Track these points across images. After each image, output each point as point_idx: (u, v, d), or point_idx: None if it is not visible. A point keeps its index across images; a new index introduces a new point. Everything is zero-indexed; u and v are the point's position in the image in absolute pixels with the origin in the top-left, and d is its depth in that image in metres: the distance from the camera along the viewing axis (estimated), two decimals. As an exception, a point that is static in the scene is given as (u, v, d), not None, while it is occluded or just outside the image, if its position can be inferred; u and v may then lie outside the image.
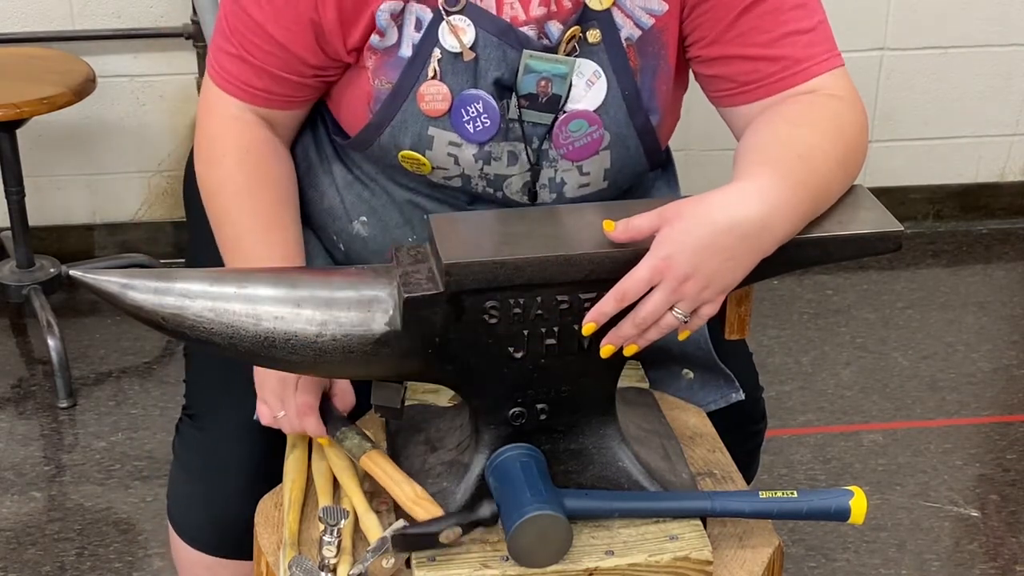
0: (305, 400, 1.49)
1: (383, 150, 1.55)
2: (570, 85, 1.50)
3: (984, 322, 3.32)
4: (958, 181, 3.76)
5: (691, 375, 1.68)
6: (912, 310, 3.38)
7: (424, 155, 1.52)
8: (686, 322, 1.34)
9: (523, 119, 1.51)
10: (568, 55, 1.49)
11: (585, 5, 1.48)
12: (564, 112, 1.51)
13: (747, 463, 1.78)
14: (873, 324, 3.31)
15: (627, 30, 1.51)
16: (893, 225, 1.42)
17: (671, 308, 1.33)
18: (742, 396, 1.68)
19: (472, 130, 1.51)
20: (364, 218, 1.63)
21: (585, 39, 1.50)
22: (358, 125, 1.55)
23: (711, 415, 1.66)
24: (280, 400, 1.50)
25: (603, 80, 1.51)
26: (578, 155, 1.54)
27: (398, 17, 1.48)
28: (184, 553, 1.68)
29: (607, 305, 1.33)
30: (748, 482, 1.80)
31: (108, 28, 3.26)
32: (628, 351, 1.36)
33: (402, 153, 1.53)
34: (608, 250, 1.33)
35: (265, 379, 1.52)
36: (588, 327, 1.34)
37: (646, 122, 1.55)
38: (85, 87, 2.93)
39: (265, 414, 1.53)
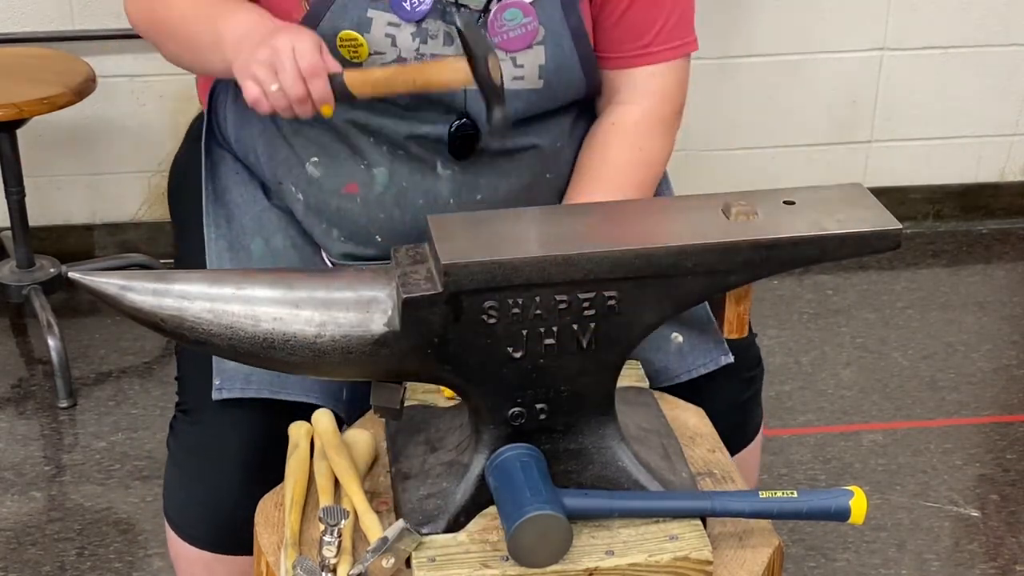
0: (312, 61, 1.46)
1: (321, 38, 1.56)
2: None
3: (984, 322, 3.32)
4: (958, 181, 3.76)
5: (680, 339, 1.69)
6: (912, 310, 3.38)
7: (362, 36, 1.57)
8: None
9: (459, 1, 1.58)
10: None
11: None
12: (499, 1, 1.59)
13: (749, 412, 1.78)
14: (873, 324, 3.31)
15: None
16: (891, 223, 1.42)
17: None
18: (731, 359, 1.70)
19: (409, 7, 1.57)
20: (315, 158, 1.67)
21: None
22: (293, 18, 1.59)
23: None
24: (272, 69, 1.47)
25: None
26: (512, 45, 1.61)
27: None
28: (181, 550, 1.68)
29: None
30: (753, 436, 1.80)
31: (108, 28, 3.26)
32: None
33: (341, 35, 1.57)
34: (607, 250, 1.34)
35: (243, 41, 1.50)
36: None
37: (580, 25, 1.63)
38: (85, 87, 2.93)
39: (253, 92, 1.49)
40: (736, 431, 1.76)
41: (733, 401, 1.73)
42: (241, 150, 1.75)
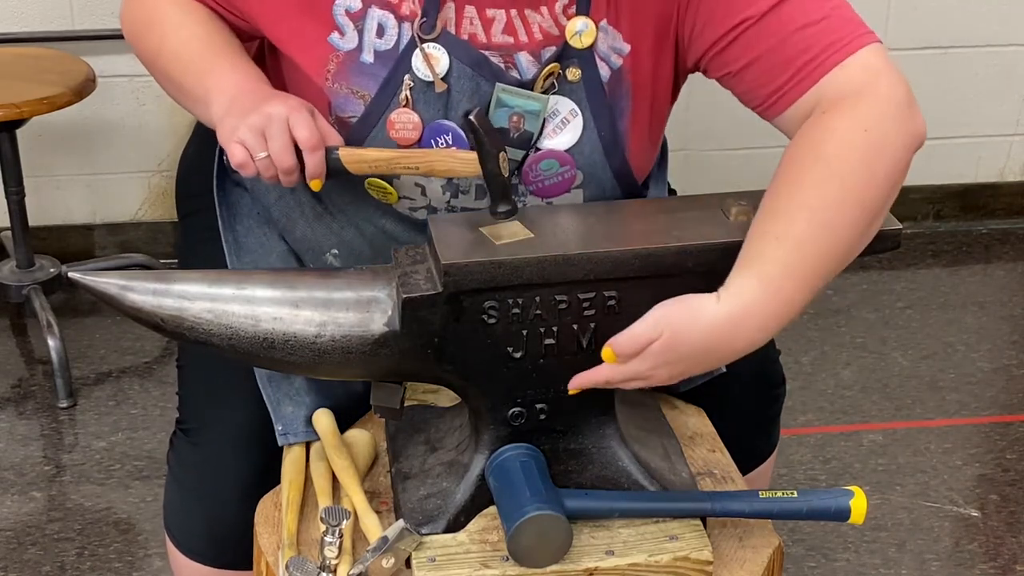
0: (310, 135, 1.40)
1: (349, 177, 1.51)
2: (543, 123, 1.49)
3: (984, 322, 3.32)
4: (958, 181, 3.76)
5: None
6: (912, 310, 3.38)
7: (391, 184, 1.51)
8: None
9: None
10: (545, 92, 1.48)
11: (566, 42, 1.47)
12: (536, 150, 1.50)
13: (768, 430, 1.77)
14: (873, 324, 3.31)
15: (601, 69, 1.50)
16: (891, 223, 1.42)
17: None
18: (723, 370, 1.64)
19: None
20: (335, 250, 1.62)
21: (564, 76, 1.48)
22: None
23: (730, 381, 1.65)
24: (261, 136, 1.41)
25: (579, 119, 1.50)
26: (547, 193, 1.53)
27: (358, 19, 1.47)
28: (182, 564, 1.67)
29: (600, 376, 1.34)
30: (770, 452, 1.80)
31: (108, 28, 3.25)
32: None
33: (368, 180, 1.51)
34: (607, 250, 1.34)
35: (232, 108, 1.43)
36: (573, 390, 1.36)
37: (623, 163, 1.54)
38: (85, 87, 2.92)
39: (240, 155, 1.42)
40: (757, 447, 1.76)
41: (758, 416, 1.71)
42: (256, 198, 1.70)
